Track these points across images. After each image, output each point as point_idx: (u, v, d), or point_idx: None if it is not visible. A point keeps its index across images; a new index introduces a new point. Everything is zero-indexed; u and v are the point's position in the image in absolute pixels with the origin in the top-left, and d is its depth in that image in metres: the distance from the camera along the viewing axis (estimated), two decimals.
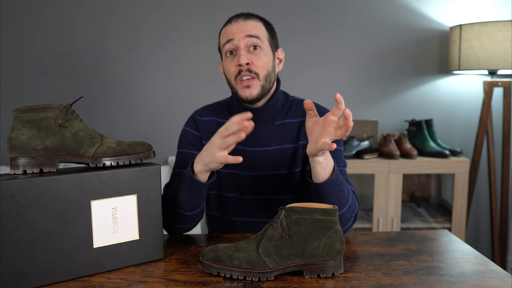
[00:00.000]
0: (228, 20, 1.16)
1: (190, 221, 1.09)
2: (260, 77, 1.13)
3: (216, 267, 0.86)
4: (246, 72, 1.11)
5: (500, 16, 2.37)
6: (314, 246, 0.86)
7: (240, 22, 1.14)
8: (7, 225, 0.79)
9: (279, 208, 0.87)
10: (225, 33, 1.15)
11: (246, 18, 1.15)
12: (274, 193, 1.22)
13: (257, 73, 1.12)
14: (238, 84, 1.13)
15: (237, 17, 1.15)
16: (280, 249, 0.85)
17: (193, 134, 1.25)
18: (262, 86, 1.13)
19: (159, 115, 2.45)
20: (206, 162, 0.98)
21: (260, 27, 1.15)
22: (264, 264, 0.85)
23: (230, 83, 1.17)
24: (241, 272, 0.85)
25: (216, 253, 0.87)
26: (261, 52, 1.13)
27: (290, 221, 0.85)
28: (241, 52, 1.11)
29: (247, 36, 1.11)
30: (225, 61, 1.16)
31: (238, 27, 1.13)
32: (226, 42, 1.13)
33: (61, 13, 2.37)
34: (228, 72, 1.15)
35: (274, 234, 0.86)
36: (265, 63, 1.13)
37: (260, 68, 1.12)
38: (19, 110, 0.86)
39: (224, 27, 1.17)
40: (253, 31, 1.12)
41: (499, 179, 2.46)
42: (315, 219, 0.85)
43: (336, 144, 0.99)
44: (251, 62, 1.11)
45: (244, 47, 1.12)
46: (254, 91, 1.12)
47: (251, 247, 0.86)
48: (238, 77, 1.12)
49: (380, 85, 2.44)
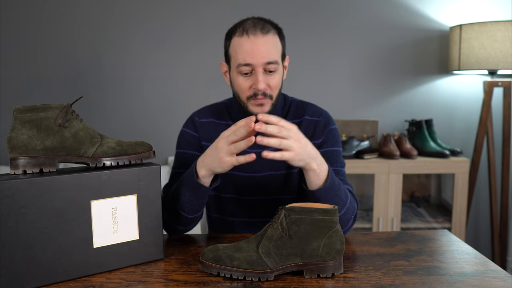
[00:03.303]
0: (243, 28, 1.10)
1: (192, 222, 1.10)
2: (274, 97, 1.14)
3: (216, 267, 0.86)
4: (262, 95, 1.11)
5: (500, 16, 2.37)
6: (314, 246, 0.86)
7: (258, 38, 1.08)
8: (7, 225, 0.79)
9: (279, 208, 0.87)
10: (241, 50, 1.09)
11: (264, 33, 1.09)
12: (272, 194, 1.22)
13: (271, 95, 1.13)
14: (251, 102, 1.13)
15: (254, 30, 1.08)
16: (280, 249, 0.85)
17: (192, 135, 1.24)
18: (273, 104, 1.15)
19: (159, 116, 2.45)
20: (212, 167, 0.98)
21: (277, 43, 1.12)
22: (264, 264, 0.85)
23: (239, 97, 1.15)
24: (241, 272, 0.85)
25: (216, 253, 0.87)
26: (276, 73, 1.12)
27: (290, 221, 0.85)
28: (259, 78, 1.09)
29: (266, 64, 1.09)
30: (237, 77, 1.12)
31: (256, 48, 1.08)
32: (244, 64, 1.09)
33: (61, 14, 2.37)
34: (240, 89, 1.13)
35: (274, 234, 0.86)
36: (278, 83, 1.13)
37: (274, 89, 1.13)
38: (19, 110, 0.86)
39: (238, 35, 1.10)
40: (272, 57, 1.09)
41: (499, 179, 2.46)
42: (315, 219, 0.85)
43: (273, 154, 0.93)
44: (267, 86, 1.11)
45: (262, 72, 1.10)
46: (266, 108, 1.14)
47: (251, 247, 0.86)
48: (251, 98, 1.12)
49: (380, 85, 2.44)
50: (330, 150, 1.21)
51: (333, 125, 1.24)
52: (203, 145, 1.24)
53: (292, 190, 1.23)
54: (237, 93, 1.15)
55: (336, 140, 1.23)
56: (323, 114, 1.24)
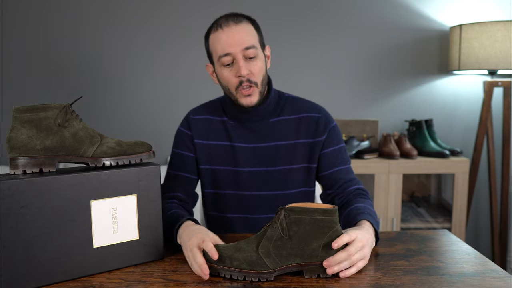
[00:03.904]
0: (217, 23, 1.14)
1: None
2: (258, 84, 1.15)
3: (216, 267, 0.86)
4: (247, 83, 1.13)
5: (500, 16, 2.37)
6: (314, 246, 0.85)
7: (232, 28, 1.12)
8: (7, 225, 0.79)
9: (279, 208, 0.87)
10: (219, 43, 1.13)
11: (236, 22, 1.13)
12: (271, 189, 1.23)
13: (256, 82, 1.15)
14: (239, 93, 1.15)
15: (226, 21, 1.13)
16: (280, 249, 0.85)
17: (186, 133, 1.26)
18: (260, 92, 1.17)
19: (158, 115, 2.45)
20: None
21: (251, 31, 1.15)
22: (264, 264, 0.85)
23: (229, 90, 1.17)
24: (241, 272, 0.85)
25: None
26: (257, 59, 1.14)
27: (290, 221, 0.85)
28: (240, 64, 1.11)
29: (245, 49, 1.11)
30: (221, 70, 1.15)
31: (232, 37, 1.11)
32: (223, 55, 1.12)
33: (60, 14, 2.37)
34: (227, 81, 1.16)
35: (274, 234, 0.86)
36: (260, 69, 1.15)
37: (258, 75, 1.15)
38: (18, 110, 0.86)
39: (213, 31, 1.14)
40: (249, 42, 1.12)
41: (499, 179, 2.46)
42: (315, 219, 0.85)
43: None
44: (250, 72, 1.13)
45: (242, 58, 1.12)
46: (254, 99, 1.15)
47: (251, 248, 0.86)
48: (239, 87, 1.14)
49: (380, 85, 2.44)
50: (336, 148, 1.23)
51: (333, 121, 1.26)
52: (195, 143, 1.25)
53: (291, 185, 1.24)
54: (226, 87, 1.17)
55: (339, 137, 1.26)
56: (321, 110, 1.26)
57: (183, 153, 1.25)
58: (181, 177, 1.23)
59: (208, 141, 1.24)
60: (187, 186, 1.24)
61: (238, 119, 1.23)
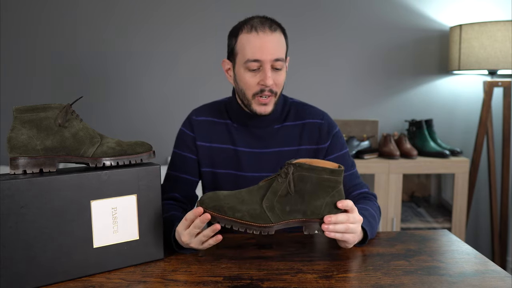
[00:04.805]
0: (251, 25, 1.11)
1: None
2: (277, 95, 1.15)
3: (217, 216, 0.84)
4: (268, 92, 1.12)
5: (500, 16, 2.37)
6: (317, 204, 0.86)
7: (267, 34, 1.09)
8: (7, 225, 0.79)
9: (286, 163, 0.86)
10: (250, 46, 1.10)
11: (272, 30, 1.10)
12: None
13: (276, 92, 1.14)
14: (255, 100, 1.14)
15: (262, 26, 1.10)
16: (284, 204, 0.85)
17: (188, 134, 1.25)
18: (275, 103, 1.16)
19: (158, 116, 2.45)
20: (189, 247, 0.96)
21: (283, 42, 1.14)
22: (266, 218, 0.84)
23: (244, 94, 1.15)
24: (242, 224, 0.83)
25: (217, 203, 0.85)
26: (282, 71, 1.14)
27: (296, 178, 0.85)
28: (268, 74, 1.10)
29: (275, 60, 1.10)
30: (243, 73, 1.13)
31: (265, 44, 1.09)
32: (252, 60, 1.10)
33: (60, 14, 2.37)
34: (247, 86, 1.13)
35: (279, 189, 0.85)
36: (283, 81, 1.16)
37: (279, 87, 1.15)
38: (19, 110, 0.86)
39: (246, 32, 1.11)
40: (280, 53, 1.11)
41: (499, 179, 2.46)
42: (321, 177, 0.85)
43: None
44: (274, 82, 1.12)
45: (270, 68, 1.11)
46: (269, 108, 1.15)
47: (254, 200, 0.85)
48: (257, 94, 1.13)
49: (380, 85, 2.44)
50: (340, 154, 1.24)
51: (336, 127, 1.26)
52: (198, 145, 1.24)
53: None
54: (242, 90, 1.15)
55: (342, 142, 1.26)
56: (324, 116, 1.26)
57: (185, 155, 1.24)
58: (181, 179, 1.23)
59: (211, 143, 1.23)
60: (187, 187, 1.23)
61: (243, 124, 1.22)
